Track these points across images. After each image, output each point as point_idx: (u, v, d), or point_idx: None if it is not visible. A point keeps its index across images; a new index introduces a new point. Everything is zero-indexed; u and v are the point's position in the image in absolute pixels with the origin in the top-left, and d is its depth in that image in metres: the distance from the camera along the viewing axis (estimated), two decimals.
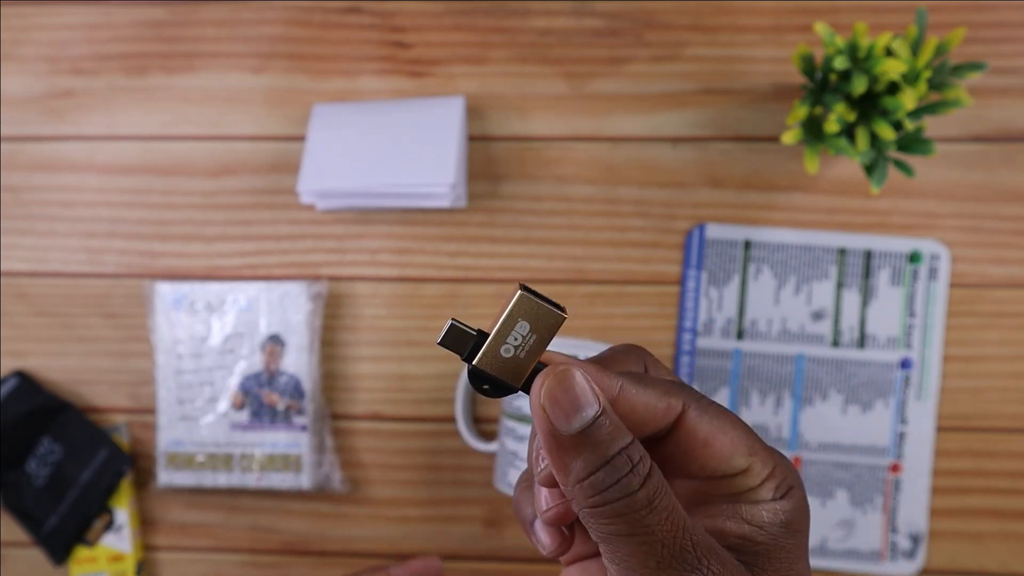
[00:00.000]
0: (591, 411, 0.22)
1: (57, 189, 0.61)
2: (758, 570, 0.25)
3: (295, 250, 0.60)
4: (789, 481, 0.26)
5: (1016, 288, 0.57)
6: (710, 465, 0.25)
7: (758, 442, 0.26)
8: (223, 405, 0.58)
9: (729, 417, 0.26)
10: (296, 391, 0.58)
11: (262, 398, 0.58)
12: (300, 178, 0.56)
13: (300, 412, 0.58)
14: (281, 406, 0.58)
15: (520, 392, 0.24)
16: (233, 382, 0.58)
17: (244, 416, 0.58)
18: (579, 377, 0.22)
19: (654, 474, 0.23)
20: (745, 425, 0.26)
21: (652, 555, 0.22)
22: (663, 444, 0.25)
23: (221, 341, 0.58)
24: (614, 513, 0.22)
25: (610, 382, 0.24)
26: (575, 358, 0.25)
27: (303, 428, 0.58)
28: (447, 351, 0.24)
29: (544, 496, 0.25)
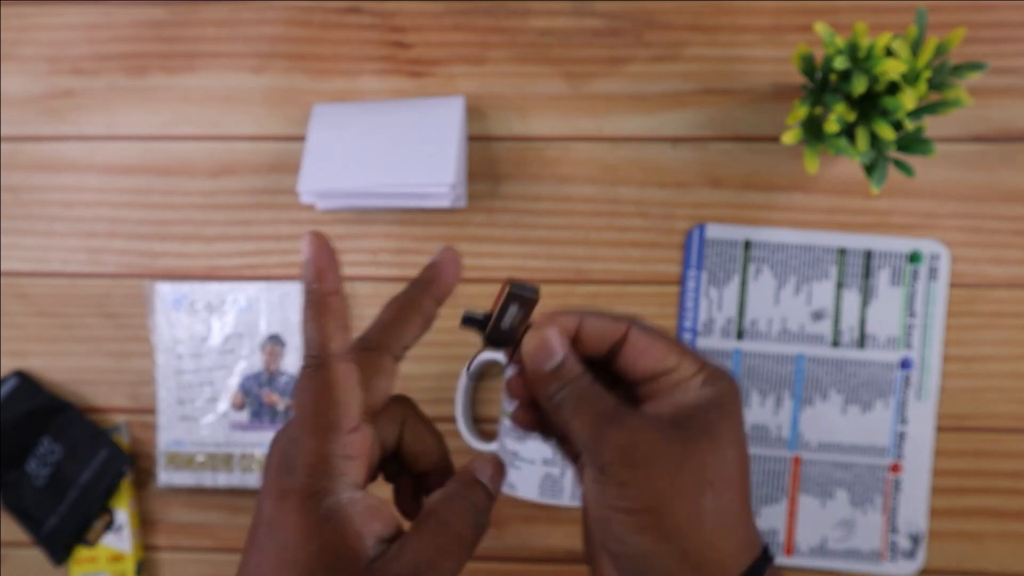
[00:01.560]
0: (558, 358, 0.34)
1: (57, 189, 0.61)
2: (692, 444, 0.32)
3: (295, 250, 0.60)
4: (716, 375, 0.34)
5: (1016, 288, 0.57)
6: (650, 366, 0.34)
7: (688, 350, 0.34)
8: (223, 405, 0.58)
9: (664, 335, 0.34)
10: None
11: (262, 398, 0.58)
12: (300, 178, 0.56)
13: None
14: (281, 406, 0.58)
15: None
16: (233, 382, 0.58)
17: (244, 416, 0.58)
18: (551, 337, 0.34)
19: (587, 385, 0.34)
20: (679, 342, 0.35)
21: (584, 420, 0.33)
22: (618, 357, 0.34)
23: (221, 341, 0.58)
24: (563, 408, 0.33)
25: (573, 318, 0.35)
26: (558, 313, 0.35)
27: None
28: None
29: (519, 409, 0.36)
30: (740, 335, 0.58)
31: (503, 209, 0.59)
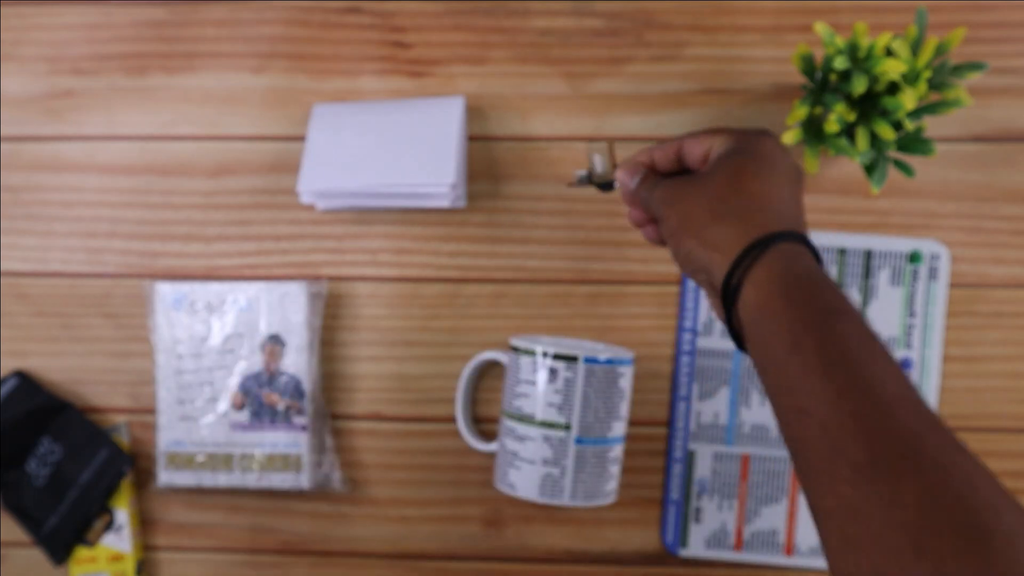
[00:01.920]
0: (635, 182, 0.46)
1: (57, 189, 0.61)
2: (710, 176, 0.42)
3: (295, 250, 0.60)
4: (743, 135, 0.43)
5: (1016, 288, 0.57)
6: (699, 153, 0.44)
7: (728, 129, 0.44)
8: (223, 405, 0.58)
9: (711, 129, 0.45)
10: (296, 391, 0.58)
11: (262, 398, 0.58)
12: (300, 178, 0.56)
13: (300, 412, 0.58)
14: (281, 406, 0.58)
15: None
16: (233, 382, 0.58)
17: (244, 416, 0.58)
18: (627, 168, 0.47)
19: (657, 180, 0.46)
20: (724, 128, 0.44)
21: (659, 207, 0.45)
22: (685, 163, 0.46)
23: (221, 341, 0.58)
24: (649, 200, 0.46)
25: (645, 154, 0.47)
26: (635, 155, 0.48)
27: (303, 428, 0.58)
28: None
29: (632, 213, 0.49)
30: None
31: (503, 209, 0.59)
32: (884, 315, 0.58)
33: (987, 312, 0.57)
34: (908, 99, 0.48)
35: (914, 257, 0.57)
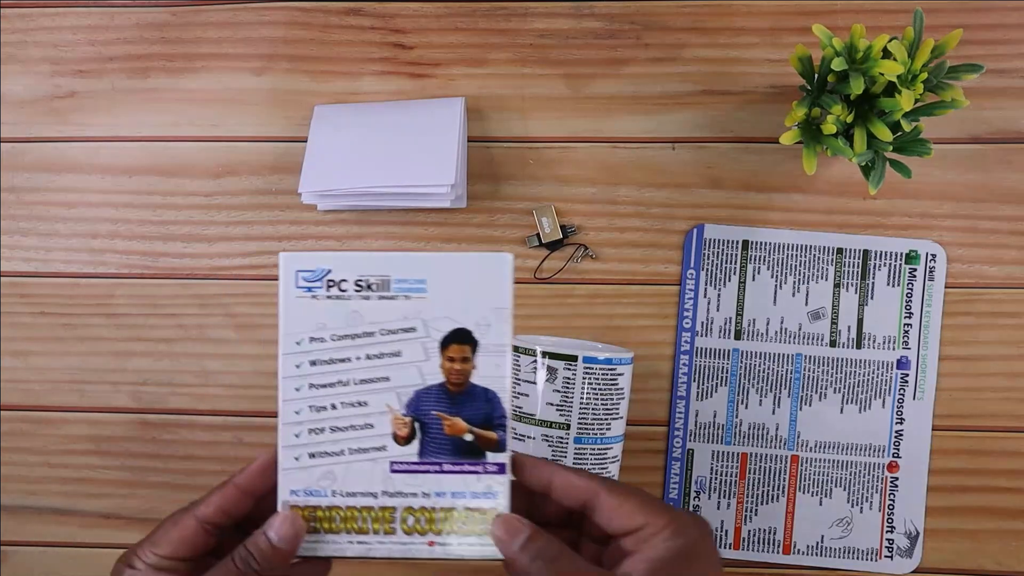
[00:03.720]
0: (524, 534, 0.37)
1: (60, 190, 0.61)
2: None
3: (296, 250, 0.60)
4: (684, 525, 0.36)
5: (1012, 288, 0.58)
6: (621, 524, 0.37)
7: (656, 503, 0.37)
8: (380, 435, 0.40)
9: (635, 491, 0.37)
10: (491, 414, 0.40)
11: (441, 425, 0.40)
12: (302, 179, 0.56)
13: (497, 446, 0.39)
14: (469, 437, 0.40)
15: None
16: (394, 400, 0.40)
17: (412, 451, 0.40)
18: (511, 519, 0.37)
19: (557, 551, 0.37)
20: (650, 496, 0.37)
21: None
22: (592, 513, 0.37)
23: (379, 340, 0.40)
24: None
25: (548, 467, 0.38)
26: (529, 461, 0.39)
27: (499, 469, 0.39)
28: None
29: None
30: (738, 335, 0.58)
31: (503, 209, 0.59)
32: (881, 315, 0.58)
33: (984, 312, 0.58)
34: (905, 100, 0.48)
35: (911, 257, 0.58)
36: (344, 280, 0.40)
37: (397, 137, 0.57)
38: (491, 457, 0.40)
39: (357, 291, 0.40)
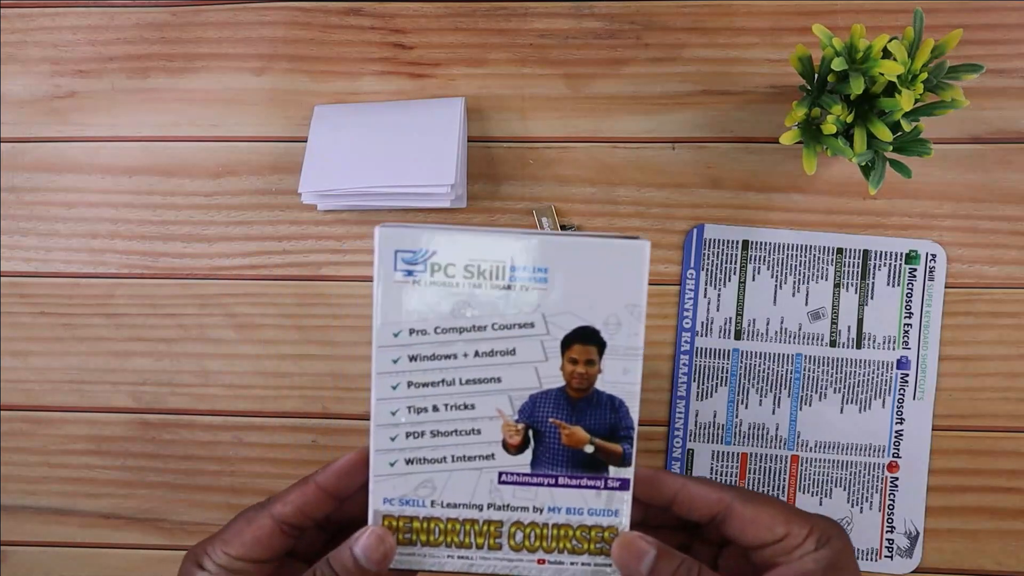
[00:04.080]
0: (651, 555, 0.34)
1: (59, 190, 0.61)
2: None
3: (296, 250, 0.60)
4: (828, 533, 0.34)
5: (1012, 288, 0.58)
6: (759, 537, 0.34)
7: (794, 511, 0.35)
8: (488, 442, 0.36)
9: (769, 500, 0.35)
10: (616, 425, 0.36)
11: (558, 433, 0.36)
12: (301, 179, 0.56)
13: (622, 460, 0.36)
14: (589, 449, 0.36)
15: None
16: (505, 404, 0.36)
17: (523, 462, 0.36)
18: (634, 539, 0.34)
19: (695, 569, 0.34)
20: (783, 503, 0.35)
21: None
22: (725, 526, 0.36)
23: (490, 336, 0.36)
24: None
25: (674, 480, 0.36)
26: (655, 474, 0.37)
27: (622, 485, 0.36)
28: None
29: None
30: (738, 335, 0.58)
31: (503, 209, 0.59)
32: (881, 315, 0.58)
33: (984, 312, 0.58)
34: (905, 100, 0.48)
35: (911, 257, 0.58)
36: (451, 264, 0.34)
37: (397, 137, 0.57)
38: (614, 472, 0.36)
39: (466, 278, 0.34)
